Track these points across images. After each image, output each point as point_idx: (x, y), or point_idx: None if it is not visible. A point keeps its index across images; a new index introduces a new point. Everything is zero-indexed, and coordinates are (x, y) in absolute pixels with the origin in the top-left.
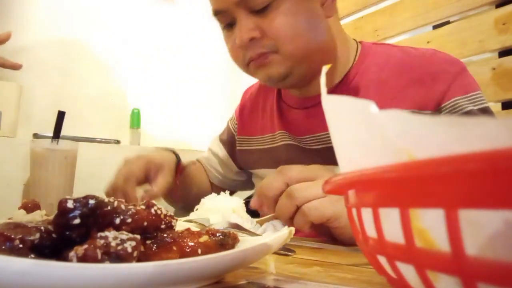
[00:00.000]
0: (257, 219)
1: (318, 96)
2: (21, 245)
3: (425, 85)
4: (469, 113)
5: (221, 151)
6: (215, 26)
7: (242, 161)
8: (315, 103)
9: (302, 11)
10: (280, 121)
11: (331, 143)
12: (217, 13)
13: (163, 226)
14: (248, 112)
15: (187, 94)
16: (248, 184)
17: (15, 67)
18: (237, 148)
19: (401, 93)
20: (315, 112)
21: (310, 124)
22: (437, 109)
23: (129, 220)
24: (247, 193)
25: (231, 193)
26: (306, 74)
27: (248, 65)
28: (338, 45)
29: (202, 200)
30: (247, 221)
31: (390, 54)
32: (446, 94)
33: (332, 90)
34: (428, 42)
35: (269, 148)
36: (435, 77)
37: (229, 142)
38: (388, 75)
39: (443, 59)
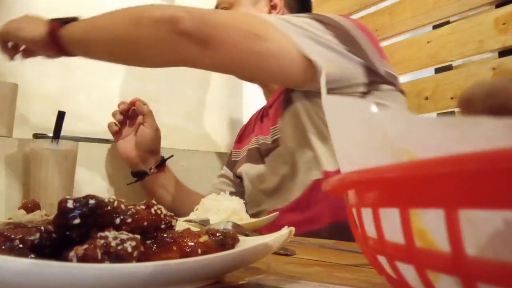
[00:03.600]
0: (256, 219)
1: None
2: (21, 245)
3: None
4: None
5: (224, 170)
6: None
7: (234, 168)
8: (267, 107)
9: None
10: (258, 129)
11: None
12: None
13: (163, 226)
14: (243, 130)
15: (187, 94)
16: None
17: None
18: (232, 160)
19: None
20: (265, 113)
21: (272, 122)
22: None
23: (129, 220)
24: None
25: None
26: None
27: None
28: None
29: (202, 200)
30: (246, 220)
31: None
32: None
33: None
34: (428, 42)
35: (252, 149)
36: None
37: (229, 160)
38: None
39: None
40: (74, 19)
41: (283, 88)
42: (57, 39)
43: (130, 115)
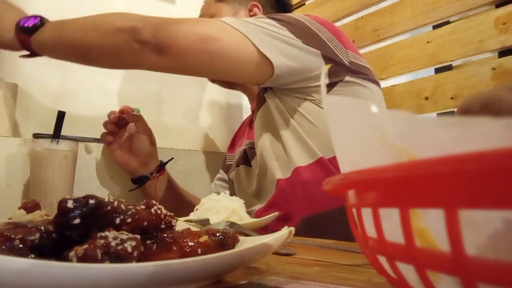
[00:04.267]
0: (256, 219)
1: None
2: (21, 245)
3: None
4: None
5: (221, 174)
6: None
7: (228, 172)
8: (252, 112)
9: None
10: (247, 132)
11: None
12: None
13: (163, 226)
14: (235, 135)
15: (187, 94)
16: None
17: None
18: (227, 163)
19: None
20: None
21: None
22: None
23: (129, 220)
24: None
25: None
26: None
27: None
28: None
29: (202, 200)
30: (246, 220)
31: None
32: None
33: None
34: (428, 42)
35: (242, 151)
36: None
37: (224, 164)
38: None
39: None
40: (42, 23)
41: (260, 89)
42: (28, 47)
43: (120, 123)
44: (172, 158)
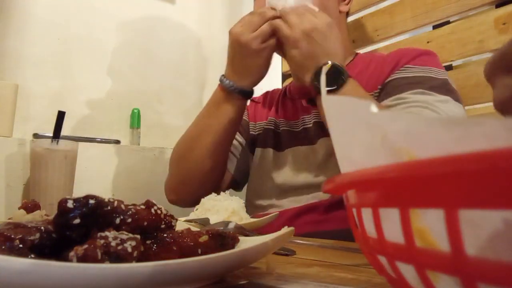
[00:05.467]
0: (256, 219)
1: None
2: (21, 245)
3: (383, 69)
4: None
5: (240, 138)
6: (215, 27)
7: (253, 140)
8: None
9: None
10: (281, 111)
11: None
12: None
13: (163, 226)
14: (261, 104)
15: (187, 94)
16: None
17: None
18: (250, 132)
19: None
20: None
21: (302, 110)
22: (382, 85)
23: (129, 220)
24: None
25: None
26: None
27: None
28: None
29: (202, 200)
30: (246, 220)
31: (370, 56)
32: (391, 72)
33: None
34: (428, 42)
35: (269, 129)
36: (391, 60)
37: (244, 130)
38: (361, 69)
39: (406, 49)
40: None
41: None
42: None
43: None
44: None
